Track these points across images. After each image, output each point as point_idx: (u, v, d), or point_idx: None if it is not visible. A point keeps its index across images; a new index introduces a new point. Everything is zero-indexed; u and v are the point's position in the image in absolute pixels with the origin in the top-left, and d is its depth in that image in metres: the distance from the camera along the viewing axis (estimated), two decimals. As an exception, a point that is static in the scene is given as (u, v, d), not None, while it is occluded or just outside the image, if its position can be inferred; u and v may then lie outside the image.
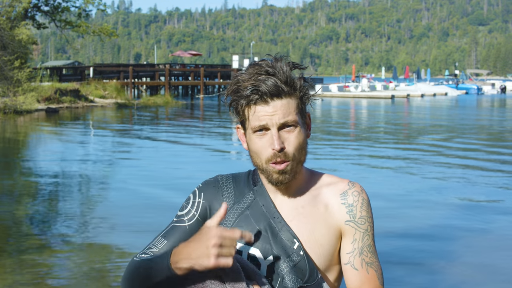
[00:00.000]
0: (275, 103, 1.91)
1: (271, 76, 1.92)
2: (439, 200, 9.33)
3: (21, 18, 35.10)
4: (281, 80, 1.92)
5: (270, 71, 1.93)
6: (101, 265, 5.94)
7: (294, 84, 1.95)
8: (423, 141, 18.48)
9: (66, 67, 54.57)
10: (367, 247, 1.96)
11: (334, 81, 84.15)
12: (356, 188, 2.02)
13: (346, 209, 1.97)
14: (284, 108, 1.91)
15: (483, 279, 5.82)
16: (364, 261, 1.94)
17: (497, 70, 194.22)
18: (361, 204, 1.98)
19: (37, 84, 32.45)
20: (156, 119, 29.01)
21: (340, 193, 2.00)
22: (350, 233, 1.96)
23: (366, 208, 1.99)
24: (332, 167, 12.46)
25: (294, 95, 1.95)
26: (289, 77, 1.94)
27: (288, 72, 1.95)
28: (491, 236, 7.31)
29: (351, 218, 1.96)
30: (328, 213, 1.98)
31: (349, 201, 1.98)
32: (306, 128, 2.01)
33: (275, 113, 1.90)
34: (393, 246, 6.72)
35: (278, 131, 1.92)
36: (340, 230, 1.97)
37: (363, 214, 1.97)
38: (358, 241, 1.95)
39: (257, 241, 1.97)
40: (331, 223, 1.96)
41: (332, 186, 2.02)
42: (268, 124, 1.91)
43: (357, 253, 1.95)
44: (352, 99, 52.32)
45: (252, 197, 2.03)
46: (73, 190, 10.14)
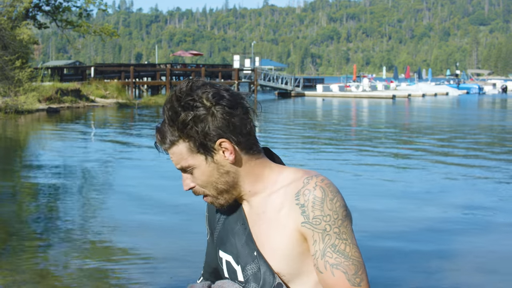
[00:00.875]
0: (170, 151, 1.90)
1: (161, 125, 1.91)
2: (439, 200, 9.33)
3: (22, 18, 35.12)
4: (167, 126, 1.88)
5: (158, 125, 1.92)
6: (102, 265, 5.95)
7: (174, 127, 1.86)
8: (424, 141, 18.48)
9: (67, 67, 54.59)
10: (331, 247, 1.80)
11: (335, 81, 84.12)
12: (309, 185, 1.83)
13: (300, 210, 1.82)
14: (175, 156, 1.89)
15: (483, 279, 5.83)
16: (328, 263, 1.80)
17: (498, 70, 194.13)
18: (312, 203, 1.80)
19: (38, 84, 32.46)
20: (157, 118, 29.01)
21: (295, 193, 1.85)
22: (309, 235, 1.82)
23: (320, 207, 1.80)
24: (331, 167, 12.46)
25: (179, 140, 1.86)
26: (171, 120, 1.85)
27: (171, 112, 1.85)
28: (491, 236, 7.31)
29: (305, 219, 1.81)
30: (285, 215, 1.86)
31: (301, 201, 1.82)
32: (219, 157, 1.87)
33: (172, 160, 1.90)
34: (393, 247, 6.73)
35: (184, 172, 1.92)
36: (300, 232, 1.84)
37: (316, 213, 1.79)
38: (319, 242, 1.81)
39: (231, 248, 1.97)
40: (289, 226, 1.85)
41: (291, 185, 1.88)
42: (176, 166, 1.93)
43: (319, 255, 1.81)
44: (353, 99, 52.31)
45: (230, 206, 2.05)
46: (74, 190, 10.15)
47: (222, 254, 2.01)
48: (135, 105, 36.53)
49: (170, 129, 1.86)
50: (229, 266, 1.98)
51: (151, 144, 17.20)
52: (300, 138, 18.62)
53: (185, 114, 1.82)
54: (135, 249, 6.48)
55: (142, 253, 6.34)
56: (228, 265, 1.99)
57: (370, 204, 8.85)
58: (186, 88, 1.84)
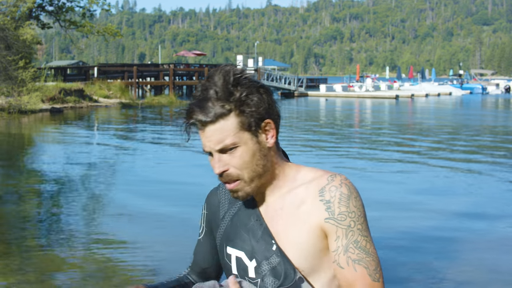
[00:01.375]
0: (208, 128, 1.85)
1: (201, 99, 1.86)
2: (441, 200, 9.33)
3: (26, 18, 35.16)
4: (213, 101, 1.84)
5: (199, 95, 1.87)
6: (104, 265, 5.95)
7: (227, 103, 1.84)
8: (426, 141, 18.46)
9: (71, 67, 54.68)
10: (353, 243, 1.85)
11: (338, 81, 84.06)
12: (334, 182, 1.89)
13: (324, 206, 1.87)
14: (218, 133, 1.85)
15: (485, 280, 5.82)
16: (350, 259, 1.85)
17: (502, 70, 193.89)
18: (339, 199, 1.86)
19: (42, 84, 32.48)
20: (160, 119, 29.03)
21: (319, 189, 1.90)
22: (332, 231, 1.86)
23: (346, 203, 1.86)
24: (333, 165, 12.45)
25: (230, 114, 1.85)
26: (222, 95, 1.84)
27: (221, 88, 1.84)
28: (494, 237, 7.30)
29: (330, 215, 1.86)
30: (307, 212, 1.90)
31: (327, 197, 1.87)
32: (262, 138, 1.91)
33: (211, 139, 1.86)
34: (394, 247, 6.72)
35: (221, 153, 1.88)
36: (322, 228, 1.88)
37: (342, 210, 1.86)
38: (342, 238, 1.86)
39: (243, 244, 1.98)
40: (311, 222, 1.89)
41: (313, 182, 1.93)
42: (209, 148, 1.88)
43: (341, 251, 1.85)
44: (356, 99, 52.27)
45: (240, 202, 2.05)
46: (76, 190, 10.16)
47: (231, 250, 2.02)
48: (139, 105, 36.56)
49: (219, 103, 1.84)
50: (240, 262, 1.99)
51: (155, 144, 17.20)
52: (302, 140, 18.62)
53: (241, 90, 1.85)
54: (139, 249, 6.49)
55: (146, 253, 6.35)
56: (239, 261, 1.99)
57: (370, 204, 8.85)
58: (237, 68, 1.88)
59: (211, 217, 2.13)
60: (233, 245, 2.01)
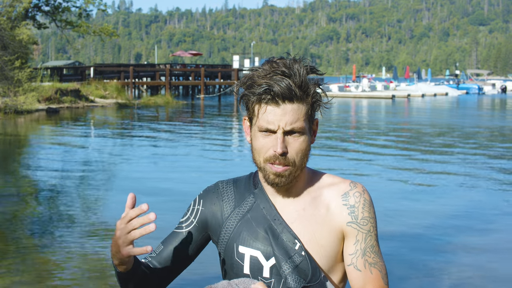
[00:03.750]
0: (285, 106, 1.88)
1: (286, 77, 1.88)
2: (437, 201, 9.34)
3: (22, 18, 35.12)
4: (296, 84, 1.88)
5: (286, 72, 1.89)
6: (101, 266, 5.95)
7: (308, 89, 1.92)
8: (423, 142, 18.49)
9: (67, 67, 54.58)
10: (370, 247, 1.94)
11: (334, 81, 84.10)
12: (358, 188, 1.98)
13: (348, 210, 1.95)
14: (293, 113, 1.89)
15: (482, 280, 5.83)
16: (367, 262, 1.93)
17: (498, 70, 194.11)
18: (362, 205, 1.96)
19: (38, 84, 32.44)
20: (157, 119, 29.01)
21: (342, 194, 1.97)
22: (353, 234, 1.94)
23: (368, 209, 1.96)
24: (331, 167, 12.46)
25: (306, 101, 1.92)
26: (304, 81, 1.91)
27: (304, 76, 1.91)
28: (490, 238, 7.32)
29: (353, 219, 1.94)
30: (330, 214, 1.96)
31: (351, 202, 1.96)
32: (311, 134, 1.99)
33: (284, 117, 1.88)
34: (392, 247, 6.73)
35: (284, 135, 1.90)
36: (343, 231, 1.95)
37: (365, 215, 1.95)
38: (361, 242, 1.94)
39: (259, 244, 1.98)
40: (333, 224, 1.95)
41: (334, 187, 2.00)
42: (275, 126, 1.89)
43: (359, 254, 1.93)
44: (352, 99, 52.32)
45: (252, 200, 2.04)
46: (73, 190, 10.15)
47: (244, 249, 2.01)
48: (135, 105, 36.53)
49: (297, 89, 1.90)
50: (255, 262, 1.99)
51: (150, 145, 17.19)
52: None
53: (313, 86, 1.94)
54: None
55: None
56: (253, 261, 1.99)
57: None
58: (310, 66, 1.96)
59: (208, 214, 2.10)
60: (247, 245, 2.00)
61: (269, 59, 1.98)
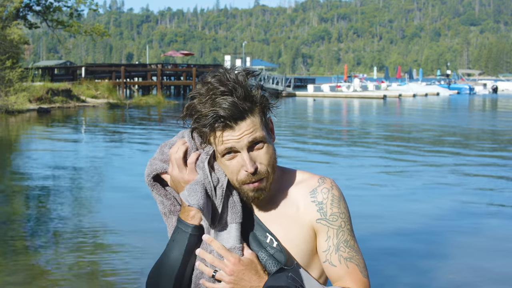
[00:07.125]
0: (240, 125, 1.84)
1: (228, 95, 1.83)
2: (431, 201, 9.36)
3: (13, 17, 34.99)
4: (240, 98, 1.84)
5: (225, 90, 1.84)
6: (93, 266, 5.94)
7: (253, 98, 1.87)
8: (416, 142, 18.53)
9: (58, 67, 54.48)
10: (344, 242, 1.92)
11: (326, 81, 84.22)
12: (326, 184, 1.95)
13: (316, 207, 1.93)
14: (249, 128, 1.85)
15: (474, 279, 5.85)
16: (342, 257, 1.91)
17: (489, 70, 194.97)
18: (331, 200, 1.93)
19: (29, 84, 32.36)
20: (148, 119, 28.97)
21: (310, 191, 1.95)
22: (323, 231, 1.92)
23: (337, 204, 1.93)
24: (324, 167, 12.48)
25: (256, 110, 1.88)
26: (246, 91, 1.86)
27: (244, 85, 1.86)
28: (483, 237, 7.34)
29: (322, 216, 1.92)
30: (300, 212, 1.94)
31: (319, 198, 1.93)
32: (270, 137, 1.95)
33: (242, 136, 1.84)
34: (385, 246, 6.74)
35: (248, 152, 1.87)
36: (313, 228, 1.94)
37: (334, 211, 1.92)
38: (333, 238, 1.92)
39: None
40: (304, 222, 1.94)
41: (302, 184, 1.97)
42: (237, 147, 1.85)
43: (332, 250, 1.91)
44: (344, 99, 52.38)
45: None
46: (65, 190, 10.12)
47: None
48: (126, 105, 36.46)
49: (243, 103, 1.85)
50: None
51: (142, 144, 17.16)
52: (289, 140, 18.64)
53: (256, 91, 1.89)
54: (130, 248, 6.47)
55: (136, 252, 6.33)
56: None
57: (360, 204, 8.87)
58: (245, 72, 1.91)
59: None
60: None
61: (202, 79, 1.91)
